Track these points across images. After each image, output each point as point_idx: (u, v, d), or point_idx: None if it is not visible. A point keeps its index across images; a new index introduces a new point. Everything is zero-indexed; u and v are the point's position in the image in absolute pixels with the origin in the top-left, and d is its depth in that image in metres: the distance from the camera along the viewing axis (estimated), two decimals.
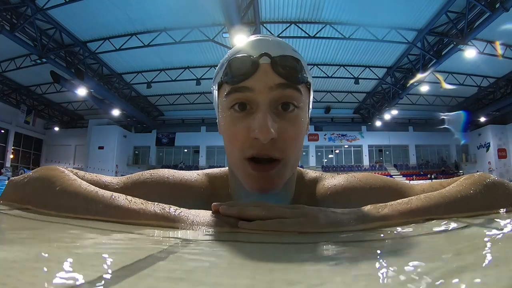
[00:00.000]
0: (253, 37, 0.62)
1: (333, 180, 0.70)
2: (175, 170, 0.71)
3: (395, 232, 0.44)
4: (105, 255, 0.30)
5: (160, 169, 0.71)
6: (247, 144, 0.55)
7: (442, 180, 0.67)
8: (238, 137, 0.56)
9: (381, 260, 0.29)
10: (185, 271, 0.25)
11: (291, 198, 0.68)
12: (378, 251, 0.34)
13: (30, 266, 0.24)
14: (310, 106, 0.65)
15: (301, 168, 0.73)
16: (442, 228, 0.46)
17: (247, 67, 0.55)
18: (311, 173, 0.74)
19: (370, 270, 0.26)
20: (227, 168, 0.73)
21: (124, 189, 0.64)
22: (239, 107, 0.56)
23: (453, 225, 0.46)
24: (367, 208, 0.50)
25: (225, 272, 0.26)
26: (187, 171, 0.73)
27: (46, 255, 0.29)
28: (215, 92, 0.63)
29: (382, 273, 0.25)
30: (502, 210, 0.54)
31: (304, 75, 0.58)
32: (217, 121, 0.67)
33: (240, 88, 0.55)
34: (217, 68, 0.64)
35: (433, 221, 0.48)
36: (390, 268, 0.26)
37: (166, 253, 0.30)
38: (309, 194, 0.69)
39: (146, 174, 0.69)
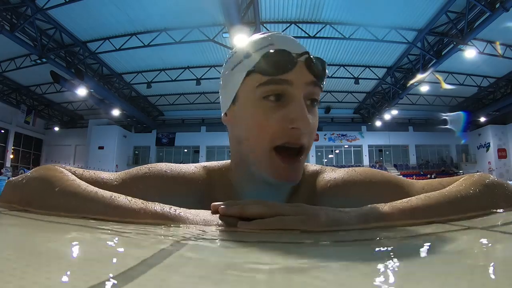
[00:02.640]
0: (276, 33, 0.65)
1: (333, 174, 0.71)
2: (172, 164, 0.72)
3: (395, 232, 0.44)
4: (104, 258, 0.30)
5: (158, 163, 0.71)
6: (280, 133, 0.58)
7: (442, 178, 0.67)
8: (271, 126, 0.59)
9: (381, 260, 0.29)
10: (185, 273, 0.25)
11: (290, 190, 0.69)
12: (378, 251, 0.34)
13: (32, 267, 0.24)
14: None
15: None
16: (443, 229, 0.46)
17: (289, 62, 0.58)
18: (311, 166, 0.75)
19: (369, 270, 0.26)
20: (226, 161, 0.74)
21: (123, 185, 0.64)
22: (275, 98, 0.59)
23: (454, 227, 0.46)
24: (368, 207, 0.50)
25: (225, 273, 0.26)
26: (185, 164, 0.73)
27: (48, 256, 0.28)
28: (239, 80, 0.62)
29: (382, 274, 0.25)
30: (501, 211, 0.54)
31: (326, 77, 0.63)
32: (225, 110, 0.67)
33: (279, 80, 0.58)
34: (236, 55, 0.64)
35: (434, 224, 0.48)
36: (390, 268, 0.26)
37: (166, 254, 0.30)
38: (308, 186, 0.70)
39: (144, 168, 0.69)
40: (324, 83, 0.64)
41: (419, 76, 12.15)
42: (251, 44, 0.63)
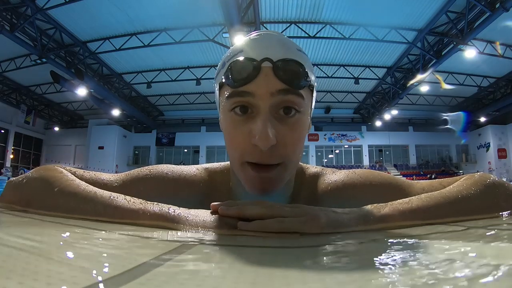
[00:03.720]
0: (255, 35, 0.60)
1: (333, 176, 0.70)
2: (173, 165, 0.71)
3: (395, 234, 0.44)
4: (104, 259, 0.30)
5: (159, 165, 0.71)
6: (248, 149, 0.55)
7: (442, 179, 0.67)
8: (239, 141, 0.56)
9: (380, 264, 0.29)
10: (184, 276, 0.25)
11: (290, 193, 0.68)
12: (378, 255, 0.34)
13: (30, 267, 0.24)
14: (313, 106, 0.64)
15: (302, 163, 0.73)
16: (443, 230, 0.46)
17: (248, 72, 0.53)
18: (311, 168, 0.74)
19: (368, 274, 0.26)
20: (227, 162, 0.73)
21: (123, 187, 0.64)
22: (240, 110, 0.55)
23: (453, 228, 0.46)
24: (368, 208, 0.50)
25: (225, 276, 0.26)
26: (186, 166, 0.73)
27: (46, 257, 0.28)
28: (217, 91, 0.62)
29: (381, 277, 0.25)
30: (503, 213, 0.54)
31: (307, 79, 0.56)
32: (219, 118, 0.66)
33: (241, 92, 0.54)
34: (218, 65, 0.62)
35: (433, 226, 0.48)
36: (389, 271, 0.26)
37: (166, 257, 0.30)
38: (309, 189, 0.69)
39: (145, 170, 0.68)
40: (310, 85, 0.58)
41: (419, 77, 12.15)
42: (229, 52, 0.61)
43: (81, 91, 12.83)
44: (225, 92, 0.57)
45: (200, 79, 13.91)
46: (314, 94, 0.62)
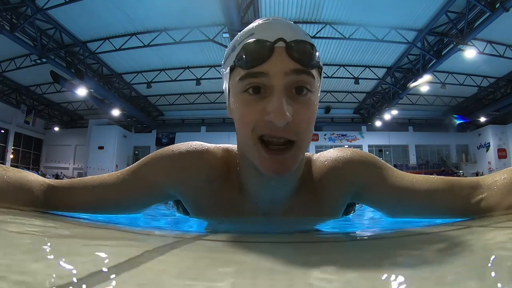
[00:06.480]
0: (264, 19, 0.62)
1: (328, 154, 0.77)
2: (188, 142, 0.74)
3: (397, 231, 0.44)
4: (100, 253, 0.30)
5: (174, 145, 0.73)
6: (260, 124, 0.56)
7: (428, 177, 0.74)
8: (251, 117, 0.56)
9: (385, 259, 0.29)
10: (183, 270, 0.25)
11: (299, 176, 0.70)
12: (381, 250, 0.34)
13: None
14: (320, 88, 0.66)
15: None
16: (445, 229, 0.46)
17: (262, 52, 0.55)
18: (307, 154, 0.79)
19: (373, 269, 0.26)
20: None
21: (131, 173, 0.69)
22: (253, 90, 0.56)
23: (454, 227, 0.46)
24: None
25: (224, 271, 0.26)
26: (204, 143, 0.76)
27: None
28: (227, 75, 0.62)
29: (386, 272, 0.25)
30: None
31: (317, 60, 0.59)
32: (226, 103, 0.67)
33: (254, 73, 0.55)
34: (227, 50, 0.63)
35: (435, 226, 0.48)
36: (393, 268, 0.26)
37: (166, 249, 0.30)
38: (315, 172, 0.73)
39: (152, 153, 0.73)
40: (319, 66, 0.60)
41: (421, 80, 12.15)
42: (238, 36, 0.62)
43: (81, 91, 12.82)
44: (237, 75, 0.58)
45: (200, 79, 13.88)
46: (322, 78, 0.65)
